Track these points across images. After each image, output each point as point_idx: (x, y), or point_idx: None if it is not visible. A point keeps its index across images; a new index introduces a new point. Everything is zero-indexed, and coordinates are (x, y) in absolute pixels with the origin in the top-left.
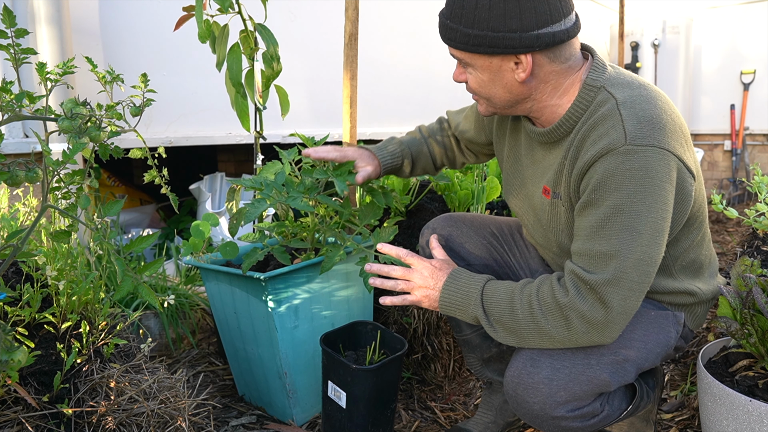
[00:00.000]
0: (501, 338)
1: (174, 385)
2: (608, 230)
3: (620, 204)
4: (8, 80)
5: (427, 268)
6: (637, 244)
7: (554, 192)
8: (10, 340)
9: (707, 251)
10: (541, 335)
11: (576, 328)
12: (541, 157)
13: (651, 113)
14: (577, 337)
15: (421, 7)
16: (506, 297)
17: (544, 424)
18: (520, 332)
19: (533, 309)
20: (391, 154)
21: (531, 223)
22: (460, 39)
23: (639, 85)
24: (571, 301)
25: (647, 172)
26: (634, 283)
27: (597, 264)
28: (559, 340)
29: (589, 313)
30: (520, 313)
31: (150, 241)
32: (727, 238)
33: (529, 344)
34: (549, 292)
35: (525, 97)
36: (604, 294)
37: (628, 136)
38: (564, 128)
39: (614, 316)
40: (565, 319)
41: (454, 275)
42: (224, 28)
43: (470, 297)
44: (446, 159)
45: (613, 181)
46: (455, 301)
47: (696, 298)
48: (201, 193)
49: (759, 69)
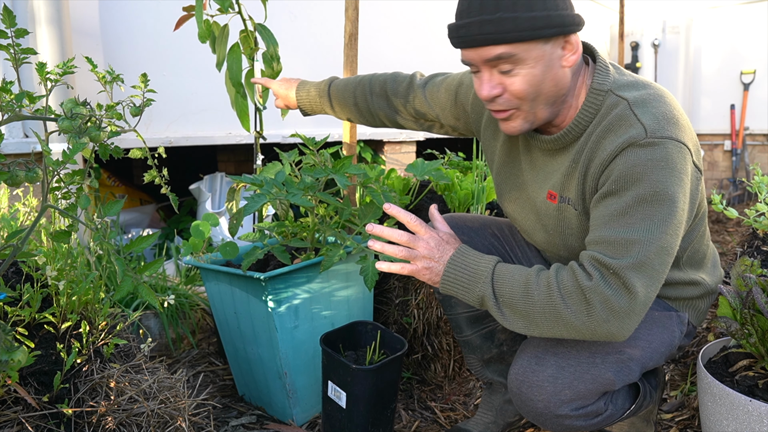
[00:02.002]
0: (508, 322)
1: (174, 385)
2: (631, 218)
3: (643, 194)
4: (8, 80)
5: (434, 238)
6: (660, 233)
7: (561, 197)
8: (10, 340)
9: (708, 242)
10: (557, 321)
11: (597, 314)
12: (543, 162)
13: (663, 110)
14: (595, 326)
15: (421, 6)
16: (521, 279)
17: (547, 423)
18: (533, 317)
19: (552, 292)
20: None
21: (531, 227)
22: (521, 26)
23: (644, 84)
24: (596, 285)
25: (668, 163)
26: (655, 271)
27: (619, 250)
28: (575, 328)
29: (613, 298)
30: (537, 295)
31: (150, 241)
32: (727, 238)
33: (539, 331)
34: (570, 277)
35: (565, 92)
36: (627, 279)
37: (647, 129)
38: (573, 134)
39: (637, 304)
40: (588, 303)
41: (463, 251)
42: (224, 28)
43: (479, 275)
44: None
45: (635, 172)
46: (460, 278)
47: (700, 289)
48: (201, 193)
49: (759, 69)
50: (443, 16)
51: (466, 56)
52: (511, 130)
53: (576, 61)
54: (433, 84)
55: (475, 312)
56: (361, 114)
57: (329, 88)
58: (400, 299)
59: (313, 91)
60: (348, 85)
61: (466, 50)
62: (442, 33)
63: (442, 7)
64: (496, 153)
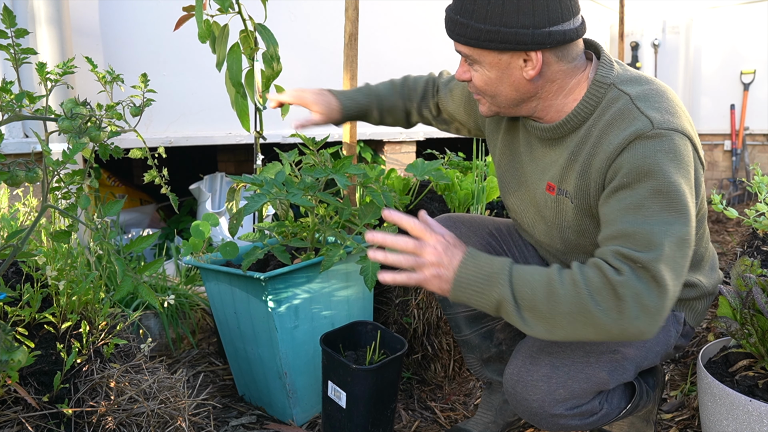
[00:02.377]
0: (529, 326)
1: (174, 385)
2: (647, 210)
3: (658, 186)
4: (8, 80)
5: (441, 243)
6: (679, 224)
7: (560, 188)
8: (10, 340)
9: (707, 245)
10: (586, 321)
11: (628, 311)
12: (542, 154)
13: (666, 104)
14: (626, 324)
15: (421, 6)
16: (542, 278)
17: (542, 422)
18: (557, 318)
19: (579, 290)
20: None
21: (531, 221)
22: (470, 34)
23: (647, 80)
24: (628, 279)
25: (676, 154)
26: (678, 264)
27: (642, 243)
28: (604, 327)
29: (645, 293)
30: (562, 295)
31: (150, 241)
32: (727, 238)
33: (564, 333)
34: (596, 272)
35: (531, 95)
36: (657, 272)
37: (654, 121)
38: (571, 124)
39: (667, 300)
40: (619, 299)
41: (473, 253)
42: (224, 28)
43: (495, 277)
44: (420, 120)
45: (646, 163)
46: (474, 282)
47: (697, 291)
48: (201, 193)
49: (759, 69)
50: (443, 15)
51: None
52: (481, 111)
53: (533, 76)
54: (453, 82)
55: (473, 311)
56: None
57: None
58: (400, 299)
59: (360, 98)
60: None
61: None
62: (442, 33)
63: (442, 7)
64: (497, 145)
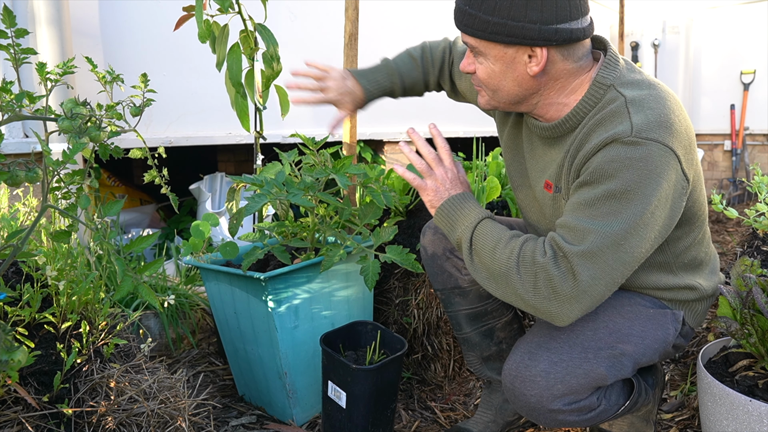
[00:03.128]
0: (475, 270)
1: (174, 385)
2: (595, 210)
3: (613, 189)
4: (8, 80)
5: (453, 172)
6: (619, 229)
7: (556, 186)
8: (10, 340)
9: (707, 249)
10: (508, 285)
11: (541, 291)
12: (542, 152)
13: (659, 112)
14: (537, 302)
15: (421, 6)
16: (495, 236)
17: (541, 418)
18: (492, 273)
19: (511, 258)
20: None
21: (537, 217)
22: (477, 26)
23: (650, 84)
24: (546, 263)
25: (647, 164)
26: (607, 265)
27: (576, 236)
28: (521, 297)
29: (557, 280)
30: (499, 254)
31: (150, 241)
32: (727, 238)
33: (496, 289)
34: (530, 249)
35: (533, 92)
36: (575, 265)
37: (634, 128)
38: (569, 124)
39: (579, 292)
40: (534, 276)
41: (467, 195)
42: (224, 28)
43: (466, 219)
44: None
45: (611, 167)
46: (452, 215)
47: (697, 293)
48: (201, 193)
49: (759, 69)
50: (443, 16)
51: None
52: (479, 102)
53: (536, 72)
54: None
55: (474, 309)
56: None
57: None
58: (400, 299)
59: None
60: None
61: None
62: (442, 33)
63: (442, 7)
64: (504, 138)
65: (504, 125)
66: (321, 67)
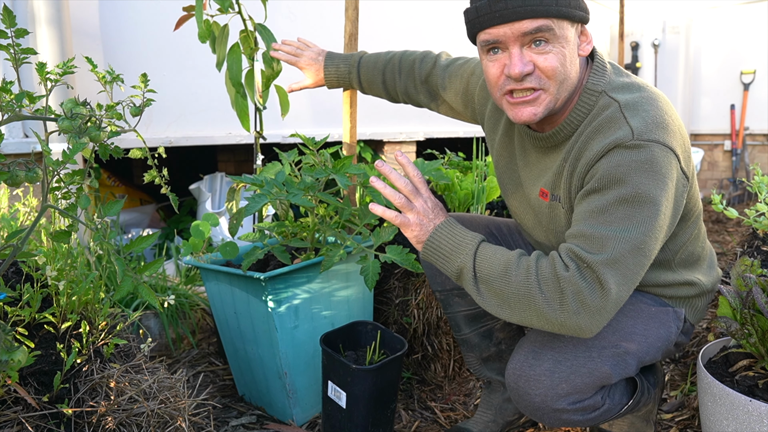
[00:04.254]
0: (483, 299)
1: (174, 385)
2: (609, 216)
3: (625, 194)
4: (8, 80)
5: (432, 200)
6: (636, 233)
7: (553, 194)
8: (10, 340)
9: (704, 244)
10: (530, 306)
11: (569, 306)
12: (535, 159)
13: (654, 114)
14: (565, 317)
15: (421, 7)
16: (502, 259)
17: (545, 417)
18: (508, 298)
19: (530, 277)
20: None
21: (531, 223)
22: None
23: (639, 87)
24: (572, 276)
25: (653, 166)
26: (629, 270)
27: (595, 245)
28: (545, 316)
29: (586, 292)
30: (514, 277)
31: (150, 241)
32: (727, 238)
33: (511, 313)
34: (549, 265)
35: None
36: (602, 274)
37: (634, 132)
38: (564, 133)
39: (609, 301)
40: (561, 293)
41: (452, 222)
42: (224, 28)
43: (463, 246)
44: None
45: (619, 172)
46: (444, 247)
47: (696, 289)
48: (201, 193)
49: (759, 69)
50: (443, 16)
51: (495, 34)
52: (526, 116)
53: (589, 51)
54: (453, 68)
55: (473, 310)
56: (387, 92)
57: (359, 65)
58: (400, 299)
59: (343, 67)
60: (378, 62)
61: (498, 27)
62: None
63: (442, 7)
64: (494, 147)
65: (494, 133)
66: (306, 42)
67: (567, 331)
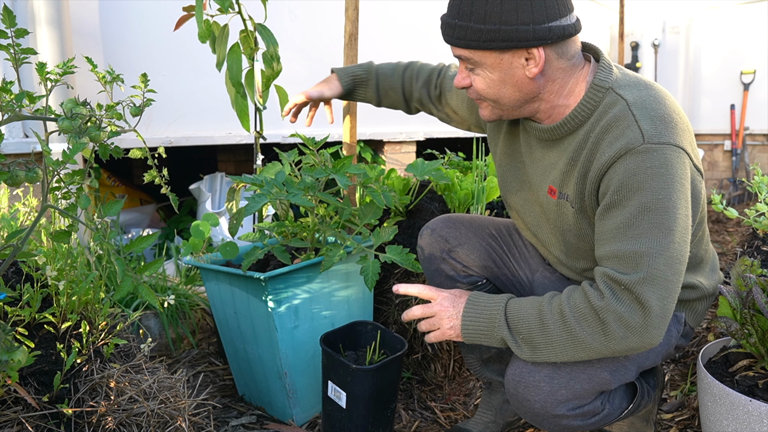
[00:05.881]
0: (535, 356)
1: (174, 385)
2: (637, 229)
3: (646, 202)
4: (8, 80)
5: (446, 298)
6: (668, 242)
7: (561, 192)
8: (10, 340)
9: (707, 246)
10: (576, 345)
11: (613, 332)
12: (541, 155)
13: (662, 112)
14: (614, 344)
15: (421, 7)
16: (534, 311)
17: (545, 423)
18: (552, 346)
19: (565, 318)
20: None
21: (537, 220)
22: (470, 36)
23: (646, 85)
24: (608, 304)
25: (668, 169)
26: (668, 281)
27: (629, 264)
28: (595, 349)
29: (627, 315)
30: (551, 324)
31: (150, 241)
32: (727, 238)
33: (561, 357)
34: (581, 298)
35: (534, 96)
36: (640, 293)
37: (645, 135)
38: (569, 126)
39: (653, 318)
40: (602, 323)
41: (473, 299)
42: (224, 28)
43: (494, 318)
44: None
45: (635, 180)
46: (479, 327)
47: (698, 292)
48: (201, 193)
49: (759, 69)
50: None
51: None
52: (482, 115)
53: (536, 74)
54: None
55: None
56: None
57: (377, 72)
58: (400, 299)
59: (359, 72)
60: (396, 69)
61: None
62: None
63: (441, 7)
64: (498, 145)
65: (497, 133)
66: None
67: (621, 354)
